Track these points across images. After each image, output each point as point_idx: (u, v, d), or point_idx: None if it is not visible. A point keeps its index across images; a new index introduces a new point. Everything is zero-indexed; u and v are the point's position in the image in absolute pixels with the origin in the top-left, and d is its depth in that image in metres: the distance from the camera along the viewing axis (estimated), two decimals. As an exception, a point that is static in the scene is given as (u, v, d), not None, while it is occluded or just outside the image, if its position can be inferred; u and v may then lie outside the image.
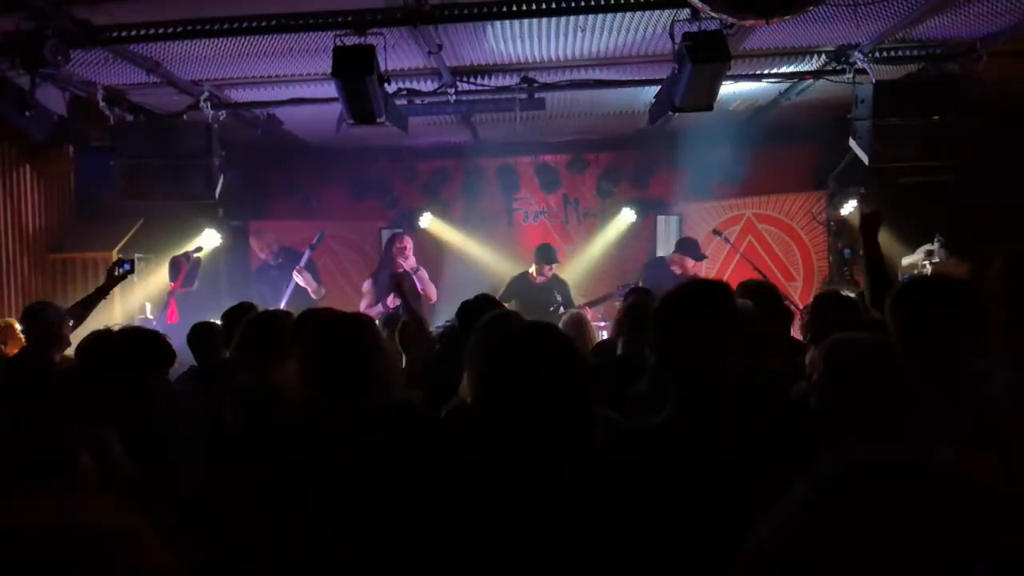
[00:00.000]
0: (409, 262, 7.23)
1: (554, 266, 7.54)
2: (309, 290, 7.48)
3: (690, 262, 7.39)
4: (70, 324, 4.41)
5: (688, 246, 7.56)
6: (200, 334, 4.21)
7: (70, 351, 4.49)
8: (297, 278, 7.42)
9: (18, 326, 4.69)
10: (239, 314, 3.70)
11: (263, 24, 4.82)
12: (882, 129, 5.73)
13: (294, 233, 8.28)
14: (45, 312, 4.32)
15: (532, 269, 7.56)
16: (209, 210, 7.65)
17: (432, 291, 7.33)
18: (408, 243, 7.36)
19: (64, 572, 0.67)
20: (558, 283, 7.61)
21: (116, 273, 5.00)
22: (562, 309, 6.96)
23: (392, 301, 6.77)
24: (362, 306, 7.21)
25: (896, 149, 5.81)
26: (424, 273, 7.32)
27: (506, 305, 7.38)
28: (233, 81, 6.14)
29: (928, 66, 5.87)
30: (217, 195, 6.38)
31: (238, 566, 1.94)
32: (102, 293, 4.94)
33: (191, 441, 2.72)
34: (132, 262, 5.10)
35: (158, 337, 2.76)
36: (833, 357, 2.07)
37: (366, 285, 7.53)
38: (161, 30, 4.84)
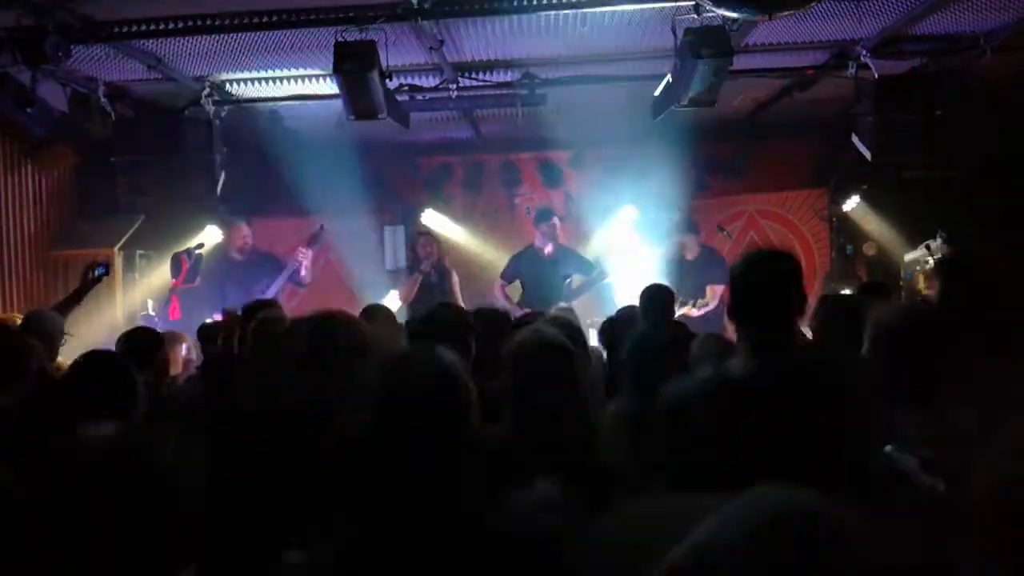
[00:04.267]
0: (427, 261, 7.36)
1: (557, 224, 7.38)
2: (303, 273, 7.15)
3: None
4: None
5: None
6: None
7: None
8: (302, 258, 7.12)
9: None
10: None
11: (264, 20, 4.81)
12: (884, 124, 5.73)
13: (295, 229, 8.24)
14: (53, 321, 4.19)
15: (537, 242, 7.41)
16: (210, 206, 7.61)
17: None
18: (425, 244, 7.56)
19: None
20: (566, 254, 7.45)
21: (91, 277, 4.84)
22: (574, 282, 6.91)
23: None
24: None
25: (898, 144, 5.81)
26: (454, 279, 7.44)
27: (508, 286, 7.36)
28: (235, 77, 6.13)
29: (930, 61, 5.85)
30: (219, 192, 6.37)
31: None
32: (77, 298, 4.78)
33: None
34: (107, 265, 4.97)
35: None
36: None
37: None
38: (162, 25, 4.83)
